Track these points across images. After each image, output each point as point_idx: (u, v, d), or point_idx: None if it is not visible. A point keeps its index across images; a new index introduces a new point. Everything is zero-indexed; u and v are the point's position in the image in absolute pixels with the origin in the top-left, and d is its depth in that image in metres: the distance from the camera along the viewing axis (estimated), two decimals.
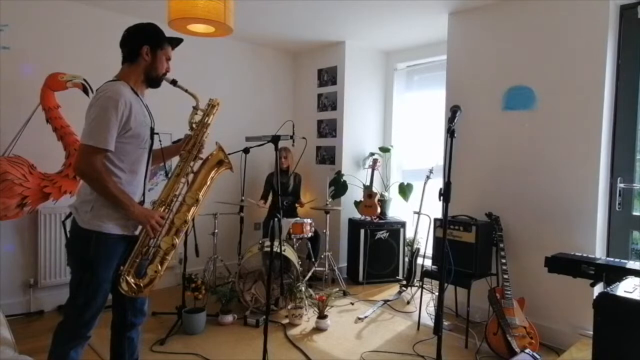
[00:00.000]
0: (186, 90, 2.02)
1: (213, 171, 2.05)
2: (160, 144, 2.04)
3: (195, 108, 2.04)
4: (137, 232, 1.90)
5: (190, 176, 2.01)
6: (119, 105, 1.74)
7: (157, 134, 2.00)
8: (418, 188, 4.17)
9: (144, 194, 1.96)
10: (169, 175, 2.00)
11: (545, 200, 3.11)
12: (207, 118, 2.05)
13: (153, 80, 1.97)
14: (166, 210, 1.92)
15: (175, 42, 2.02)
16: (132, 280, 1.84)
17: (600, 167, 2.88)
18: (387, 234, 4.40)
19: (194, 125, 2.04)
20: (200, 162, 2.04)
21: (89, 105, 1.80)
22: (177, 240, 1.92)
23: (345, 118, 4.64)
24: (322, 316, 3.29)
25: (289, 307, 3.38)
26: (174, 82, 2.01)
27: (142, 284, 1.86)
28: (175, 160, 2.11)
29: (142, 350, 2.17)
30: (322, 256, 4.22)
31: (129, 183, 1.85)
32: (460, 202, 3.46)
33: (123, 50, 1.93)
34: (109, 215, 1.79)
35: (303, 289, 3.46)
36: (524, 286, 3.12)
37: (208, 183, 2.02)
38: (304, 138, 3.71)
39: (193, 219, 2.02)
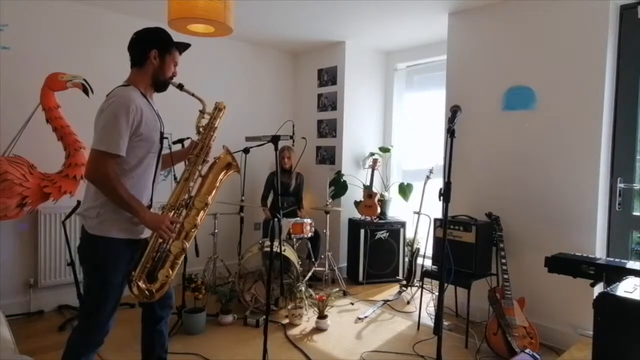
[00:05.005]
0: (193, 94, 2.03)
1: (221, 174, 2.06)
2: (170, 149, 2.05)
3: (202, 112, 2.04)
4: (142, 236, 1.92)
5: (199, 180, 2.02)
6: (130, 110, 1.75)
7: (167, 138, 2.01)
8: (418, 188, 4.17)
9: (151, 198, 1.97)
10: (178, 179, 2.01)
11: (545, 200, 3.11)
12: (214, 122, 2.06)
13: (160, 84, 1.98)
14: (175, 214, 1.94)
15: (183, 47, 2.03)
16: (144, 285, 1.86)
17: (600, 167, 2.88)
18: (387, 234, 4.40)
19: (200, 129, 2.04)
20: (207, 165, 2.05)
21: (99, 110, 1.80)
22: (187, 244, 1.94)
23: (345, 118, 4.64)
24: (322, 316, 3.29)
25: (289, 307, 3.38)
26: (180, 87, 2.02)
27: (153, 289, 1.88)
28: (179, 165, 2.12)
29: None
30: (322, 256, 4.23)
31: (135, 186, 1.85)
32: (460, 202, 3.46)
33: (131, 54, 1.94)
34: (114, 220, 1.81)
35: (303, 289, 3.46)
36: (524, 286, 3.12)
37: (217, 186, 2.03)
38: (304, 138, 3.71)
39: None
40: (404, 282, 4.15)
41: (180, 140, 2.87)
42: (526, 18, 3.21)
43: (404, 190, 4.49)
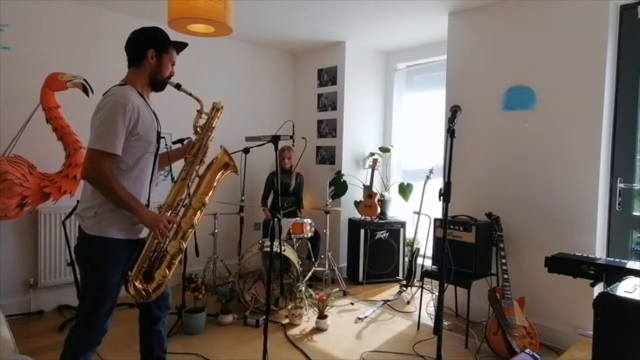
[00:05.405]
0: (190, 94, 2.03)
1: (219, 174, 2.06)
2: (167, 148, 2.05)
3: (200, 112, 2.04)
4: (140, 236, 1.91)
5: (196, 180, 2.01)
6: (127, 109, 1.75)
7: (164, 137, 2.01)
8: (418, 188, 4.17)
9: (149, 198, 1.97)
10: (175, 179, 2.01)
11: (545, 200, 3.11)
12: (211, 122, 2.06)
13: (158, 84, 1.97)
14: (173, 214, 1.94)
15: (180, 46, 2.03)
16: (140, 285, 1.86)
17: (600, 167, 2.88)
18: (387, 234, 4.40)
19: (198, 129, 2.04)
20: (205, 165, 2.05)
21: (95, 109, 1.79)
22: (184, 244, 1.94)
23: (345, 118, 4.64)
24: (322, 316, 3.29)
25: (289, 307, 3.38)
26: (178, 86, 2.02)
27: (150, 289, 1.88)
28: (177, 164, 2.11)
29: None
30: (322, 256, 4.22)
31: (133, 186, 1.85)
32: (460, 202, 3.46)
33: (128, 53, 1.93)
34: (112, 220, 1.80)
35: (303, 289, 3.46)
36: (524, 286, 3.12)
37: (214, 186, 2.03)
38: (304, 138, 3.70)
39: None
40: (404, 282, 4.15)
41: (181, 140, 2.87)
42: (526, 18, 3.21)
43: (404, 190, 4.49)
